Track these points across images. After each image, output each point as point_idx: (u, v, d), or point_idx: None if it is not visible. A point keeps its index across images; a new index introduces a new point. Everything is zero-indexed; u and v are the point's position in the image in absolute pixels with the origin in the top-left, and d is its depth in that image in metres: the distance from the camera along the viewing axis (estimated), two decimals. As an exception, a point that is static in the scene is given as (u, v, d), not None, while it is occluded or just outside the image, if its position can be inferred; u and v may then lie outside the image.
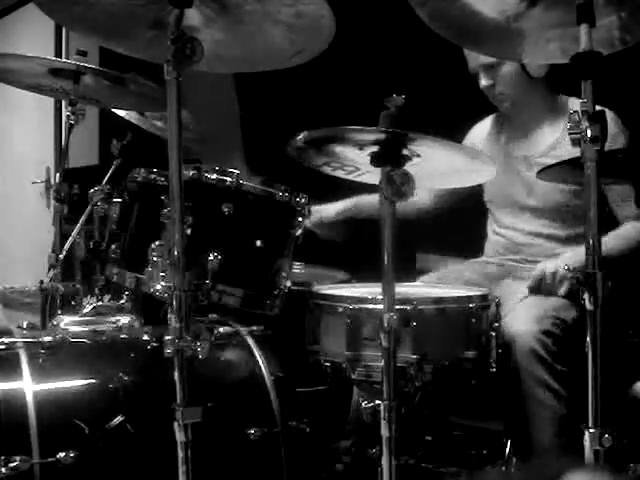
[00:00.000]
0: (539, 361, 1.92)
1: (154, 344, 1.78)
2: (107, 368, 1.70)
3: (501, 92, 2.26)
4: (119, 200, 1.91)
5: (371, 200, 2.32)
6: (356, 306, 1.76)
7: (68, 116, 2.23)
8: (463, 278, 2.28)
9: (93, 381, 1.67)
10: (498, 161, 2.31)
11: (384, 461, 1.50)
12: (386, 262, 1.52)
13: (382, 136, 1.53)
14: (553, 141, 2.23)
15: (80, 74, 2.10)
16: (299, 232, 1.87)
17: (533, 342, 1.92)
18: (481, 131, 2.46)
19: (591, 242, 1.35)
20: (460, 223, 2.66)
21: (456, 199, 2.48)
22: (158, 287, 1.68)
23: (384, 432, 1.51)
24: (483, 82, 2.26)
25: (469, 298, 1.84)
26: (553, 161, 1.99)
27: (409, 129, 1.49)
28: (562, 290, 1.99)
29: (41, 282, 2.10)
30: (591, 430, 1.32)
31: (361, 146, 1.57)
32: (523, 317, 1.97)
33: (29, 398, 1.57)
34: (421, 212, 2.50)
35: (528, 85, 2.23)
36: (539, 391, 1.92)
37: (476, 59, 2.23)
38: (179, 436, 1.35)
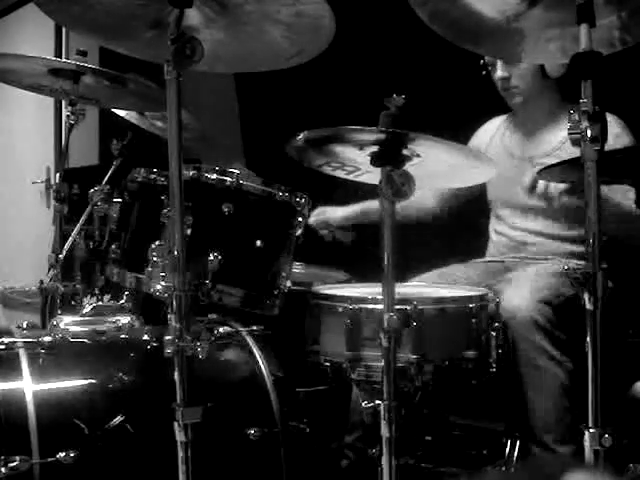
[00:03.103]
0: (538, 329, 1.92)
1: (154, 344, 1.78)
2: (107, 368, 1.70)
3: (515, 86, 2.26)
4: (119, 200, 1.91)
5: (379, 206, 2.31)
6: (356, 306, 1.76)
7: (68, 116, 2.23)
8: (463, 277, 2.28)
9: (93, 381, 1.67)
10: (502, 160, 2.31)
11: (384, 461, 1.50)
12: (386, 262, 1.52)
13: (382, 136, 1.53)
14: (558, 142, 2.22)
15: (80, 74, 2.09)
16: (299, 232, 1.87)
17: (532, 310, 1.93)
18: (487, 132, 2.46)
19: (591, 242, 1.35)
20: (463, 227, 2.66)
21: (459, 201, 2.47)
22: (158, 287, 1.67)
23: (384, 432, 1.51)
24: (499, 73, 2.26)
25: (469, 298, 1.84)
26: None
27: (409, 129, 1.49)
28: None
29: (41, 282, 2.11)
30: (591, 430, 1.32)
31: (361, 146, 1.57)
32: (521, 290, 1.98)
33: (29, 398, 1.57)
34: (423, 213, 2.49)
35: (542, 84, 2.23)
36: (540, 359, 1.92)
37: None
38: (179, 436, 1.36)
